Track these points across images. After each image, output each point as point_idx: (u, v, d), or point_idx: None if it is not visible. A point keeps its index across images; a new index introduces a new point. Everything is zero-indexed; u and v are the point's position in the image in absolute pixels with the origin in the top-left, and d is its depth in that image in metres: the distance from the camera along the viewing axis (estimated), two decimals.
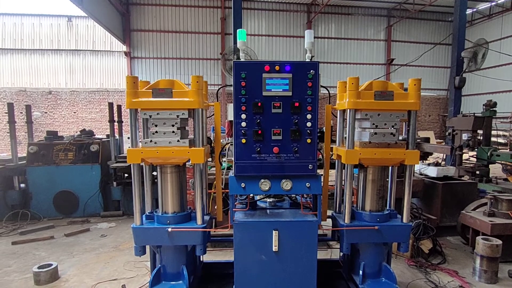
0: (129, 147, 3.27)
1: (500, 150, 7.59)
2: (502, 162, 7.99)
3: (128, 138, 3.36)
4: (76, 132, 10.91)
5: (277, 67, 3.16)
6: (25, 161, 7.32)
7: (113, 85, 22.24)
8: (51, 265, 4.48)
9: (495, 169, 9.94)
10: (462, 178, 7.05)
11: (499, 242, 4.33)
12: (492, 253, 4.30)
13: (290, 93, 3.19)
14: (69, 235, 6.22)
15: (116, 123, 8.21)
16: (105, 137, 8.74)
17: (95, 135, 8.53)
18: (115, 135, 8.02)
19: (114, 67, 22.35)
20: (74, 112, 21.47)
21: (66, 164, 7.31)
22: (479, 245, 4.38)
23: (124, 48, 21.81)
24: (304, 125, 3.23)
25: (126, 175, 7.56)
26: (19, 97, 20.63)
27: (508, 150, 15.61)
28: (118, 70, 22.32)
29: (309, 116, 3.23)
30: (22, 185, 7.32)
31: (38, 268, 4.39)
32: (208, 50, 22.48)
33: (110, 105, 8.24)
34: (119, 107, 8.48)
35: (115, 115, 8.26)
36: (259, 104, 3.18)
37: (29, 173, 7.20)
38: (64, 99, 21.30)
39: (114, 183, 7.48)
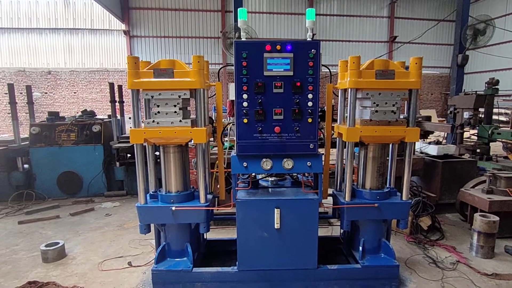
0: (131, 127, 3.30)
1: (501, 128, 7.59)
2: (502, 140, 7.99)
3: (130, 118, 3.38)
4: (77, 112, 10.89)
5: (278, 47, 3.15)
6: (27, 142, 7.35)
7: (113, 64, 21.98)
8: (58, 243, 4.57)
9: (496, 147, 9.95)
10: (463, 157, 7.09)
11: (496, 218, 4.40)
12: (489, 229, 4.38)
13: (291, 73, 3.20)
14: (74, 214, 6.32)
15: (117, 103, 8.20)
16: (106, 117, 8.75)
17: (96, 115, 8.54)
18: (117, 115, 8.04)
19: (113, 46, 22.03)
20: (74, 93, 21.34)
21: (69, 145, 7.35)
22: (477, 222, 4.46)
23: (123, 26, 21.44)
24: (305, 104, 3.25)
25: (128, 155, 7.63)
26: (18, 78, 20.47)
27: (510, 128, 15.58)
28: (117, 49, 22.01)
29: (310, 96, 3.24)
30: (26, 166, 7.39)
31: (46, 246, 4.48)
32: (209, 28, 22.11)
33: (111, 85, 8.19)
34: (119, 87, 8.44)
35: (116, 95, 8.24)
36: (260, 84, 3.19)
37: (32, 154, 7.25)
38: (63, 79, 21.13)
39: (117, 163, 7.55)
